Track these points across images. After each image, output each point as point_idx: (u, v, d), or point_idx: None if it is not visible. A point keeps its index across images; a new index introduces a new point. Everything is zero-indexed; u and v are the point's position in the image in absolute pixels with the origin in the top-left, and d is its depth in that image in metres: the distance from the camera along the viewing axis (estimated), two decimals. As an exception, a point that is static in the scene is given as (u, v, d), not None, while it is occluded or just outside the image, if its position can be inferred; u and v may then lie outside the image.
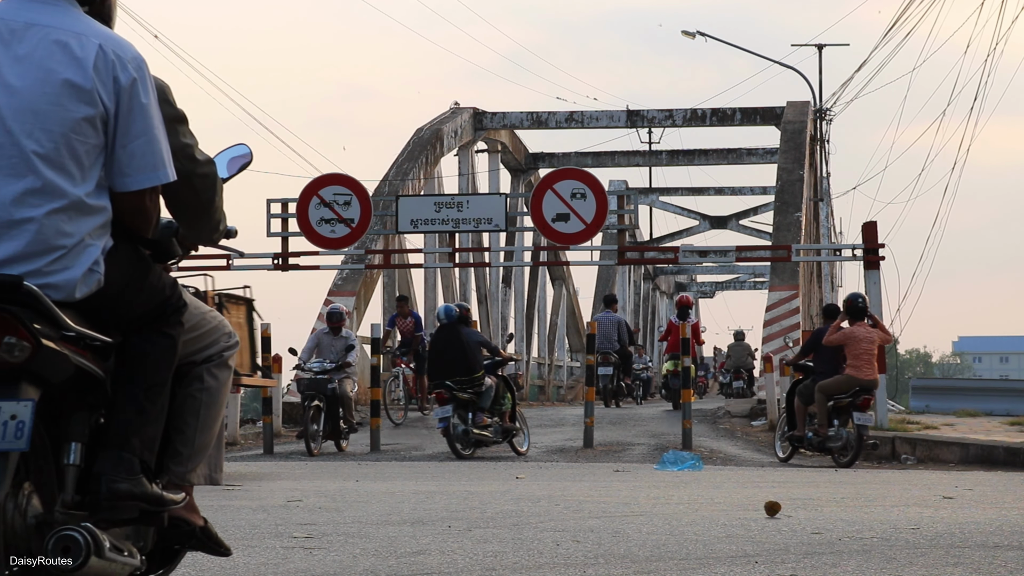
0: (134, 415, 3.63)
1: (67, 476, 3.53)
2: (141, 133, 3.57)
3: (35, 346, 3.35)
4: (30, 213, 3.47)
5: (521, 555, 5.84)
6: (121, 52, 3.57)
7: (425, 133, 30.11)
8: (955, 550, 6.02)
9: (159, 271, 3.78)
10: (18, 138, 3.48)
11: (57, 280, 3.49)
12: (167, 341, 3.72)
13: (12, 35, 3.53)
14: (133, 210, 3.63)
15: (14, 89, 3.49)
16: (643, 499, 8.91)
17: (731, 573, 5.32)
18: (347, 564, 5.56)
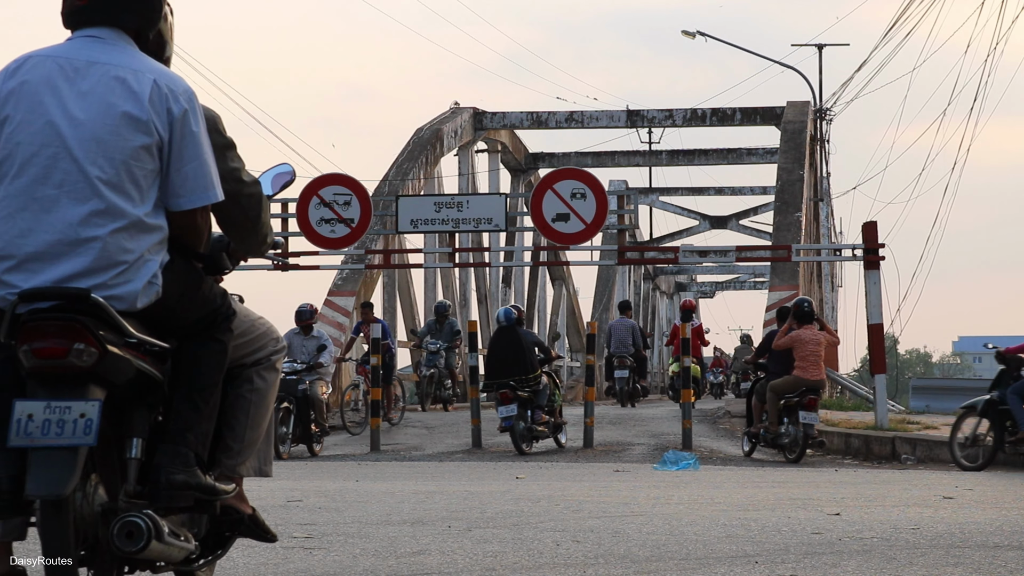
0: (189, 413, 4.02)
1: (129, 468, 3.90)
2: (192, 158, 3.95)
3: (101, 352, 3.73)
4: (95, 232, 3.83)
5: (521, 555, 5.84)
6: (173, 86, 3.96)
7: (425, 133, 30.11)
8: (955, 550, 6.02)
9: (211, 283, 4.16)
10: (83, 165, 3.84)
11: (120, 292, 3.85)
12: (218, 346, 4.11)
13: (76, 72, 3.90)
14: (186, 227, 4.02)
15: (78, 121, 3.86)
16: (643, 499, 8.91)
17: (731, 573, 5.32)
18: (347, 564, 5.56)
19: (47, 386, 3.74)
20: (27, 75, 3.92)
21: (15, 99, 3.90)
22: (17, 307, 3.76)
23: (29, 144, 3.87)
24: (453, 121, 31.30)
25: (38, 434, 3.68)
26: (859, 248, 18.81)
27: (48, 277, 3.82)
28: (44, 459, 3.67)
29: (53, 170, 3.85)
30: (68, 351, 3.71)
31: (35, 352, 3.72)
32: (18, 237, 3.84)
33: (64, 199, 3.85)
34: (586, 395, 17.50)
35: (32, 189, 3.86)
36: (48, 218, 3.84)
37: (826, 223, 36.73)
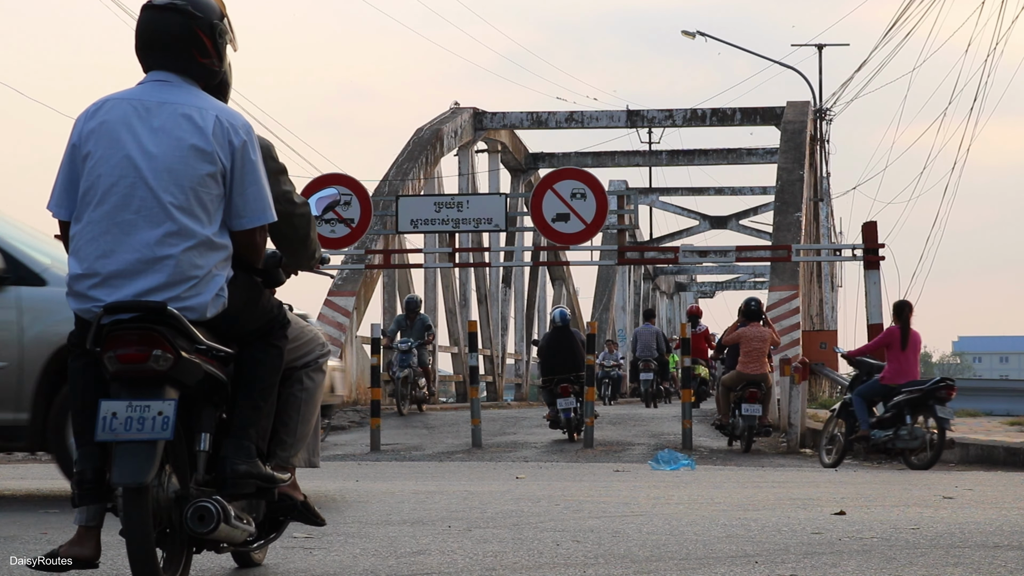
0: (251, 411, 4.55)
1: (199, 460, 4.46)
2: (251, 184, 4.50)
3: (176, 357, 4.25)
4: (170, 251, 4.37)
5: (521, 555, 5.84)
6: (233, 121, 4.52)
7: (425, 133, 30.11)
8: (955, 550, 6.02)
9: (268, 295, 4.72)
10: (157, 193, 4.39)
11: (192, 304, 4.38)
12: (275, 351, 4.65)
13: (148, 112, 4.46)
14: (247, 245, 4.56)
15: (152, 154, 4.41)
16: (643, 499, 8.91)
17: (731, 573, 5.32)
18: (347, 564, 5.56)
19: (129, 387, 4.26)
20: (106, 115, 4.49)
21: (96, 137, 4.46)
22: (102, 319, 4.29)
23: (109, 176, 4.42)
24: (453, 121, 31.30)
25: (121, 430, 4.20)
26: (859, 248, 18.83)
27: (129, 292, 4.35)
28: (127, 451, 4.18)
29: (131, 198, 4.40)
30: (148, 357, 4.23)
31: (119, 358, 4.24)
32: (101, 257, 4.39)
33: (141, 223, 4.39)
34: (586, 395, 17.51)
35: (113, 215, 4.40)
36: (128, 240, 4.38)
37: (826, 223, 36.75)
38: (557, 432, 19.07)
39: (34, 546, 6.02)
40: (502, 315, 36.43)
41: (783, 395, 18.90)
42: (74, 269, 4.45)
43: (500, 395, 35.70)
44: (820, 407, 22.50)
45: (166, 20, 4.51)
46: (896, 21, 31.15)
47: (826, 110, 36.62)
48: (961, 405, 24.59)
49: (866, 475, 12.52)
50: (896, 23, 28.98)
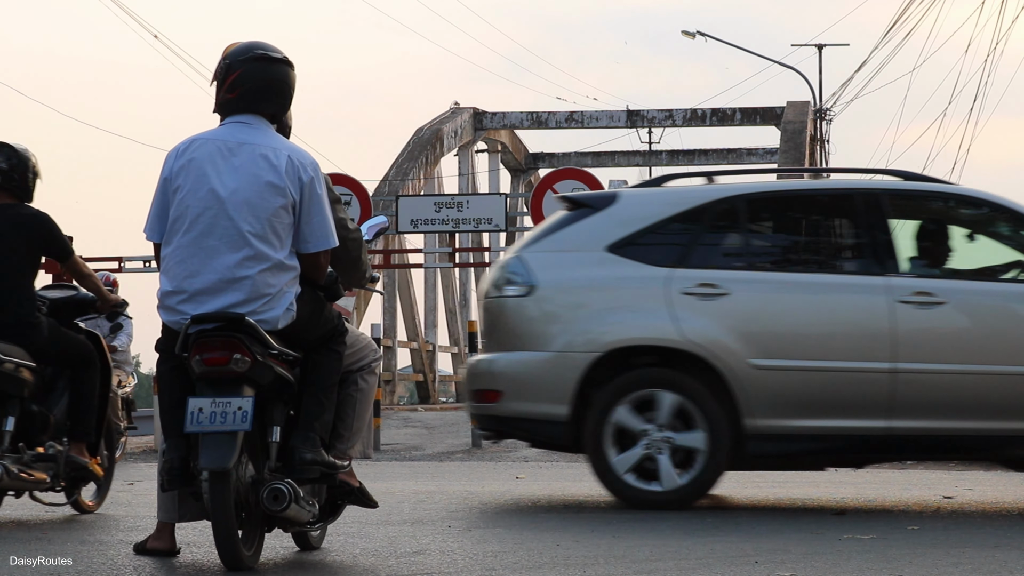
0: (315, 406, 5.21)
1: (271, 449, 5.13)
2: (317, 214, 5.20)
3: (253, 361, 4.95)
4: (247, 272, 5.08)
5: (521, 555, 5.84)
6: (303, 160, 5.21)
7: (425, 133, 30.12)
8: (955, 550, 6.01)
9: (329, 307, 5.38)
10: (237, 222, 5.08)
11: (266, 316, 5.08)
12: (336, 356, 5.32)
13: (230, 151, 5.15)
14: (312, 266, 5.26)
15: (233, 189, 5.10)
16: (643, 499, 8.90)
17: (731, 573, 5.32)
18: (347, 564, 5.56)
19: (213, 387, 4.94)
20: (193, 154, 5.17)
21: (185, 173, 5.14)
22: (189, 328, 4.97)
23: (196, 207, 5.10)
24: (453, 121, 31.31)
25: (207, 423, 4.86)
26: (859, 248, 18.80)
27: (212, 308, 5.04)
28: (212, 441, 4.85)
29: (215, 226, 5.08)
30: (229, 360, 4.92)
31: (204, 361, 4.93)
32: (188, 277, 5.09)
33: (223, 248, 5.08)
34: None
35: (199, 241, 5.09)
36: (212, 263, 5.08)
37: (826, 223, 36.70)
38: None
39: (34, 546, 6.02)
40: (502, 315, 36.37)
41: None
42: (165, 286, 5.17)
43: (500, 395, 35.66)
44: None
45: (283, 71, 5.26)
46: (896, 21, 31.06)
47: (826, 110, 36.64)
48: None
49: (866, 475, 12.52)
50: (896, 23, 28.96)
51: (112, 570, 5.32)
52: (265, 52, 5.23)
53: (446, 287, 32.13)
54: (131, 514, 7.60)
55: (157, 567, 5.41)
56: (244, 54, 5.22)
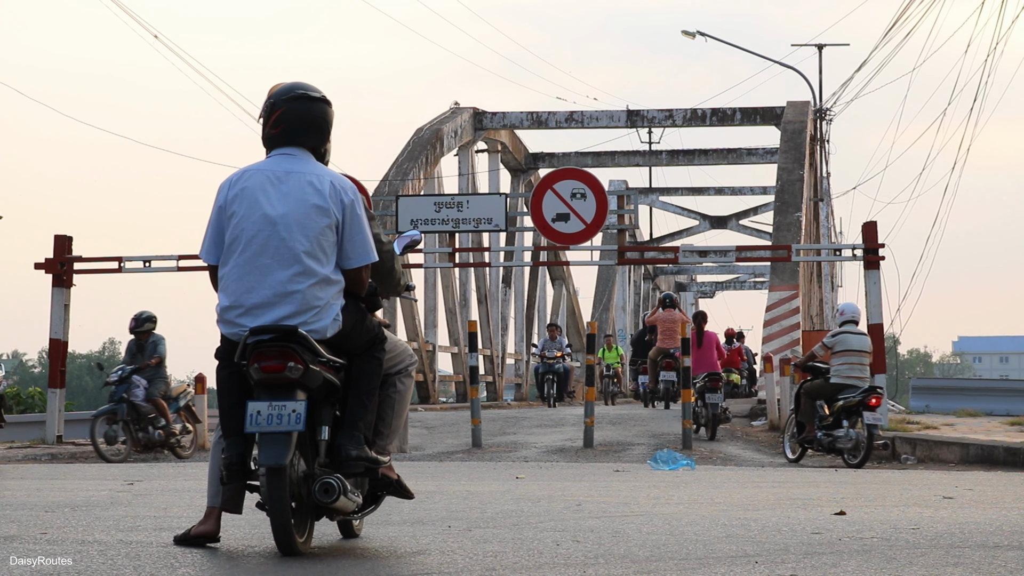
0: (359, 408, 5.78)
1: (320, 447, 5.69)
2: (357, 232, 5.78)
3: (305, 368, 5.50)
4: (298, 287, 5.66)
5: (521, 555, 5.84)
6: (343, 184, 5.82)
7: (425, 133, 30.10)
8: (955, 550, 6.02)
9: (370, 317, 5.93)
10: (288, 242, 5.67)
11: (316, 327, 5.65)
12: (377, 362, 5.88)
13: (278, 179, 5.76)
14: (354, 280, 5.83)
15: (283, 213, 5.69)
16: (643, 499, 8.92)
17: (731, 573, 5.32)
18: (347, 564, 5.57)
19: (269, 391, 5.50)
20: (246, 183, 5.76)
21: (239, 200, 5.73)
22: (247, 339, 5.53)
23: (250, 230, 5.68)
24: (453, 121, 31.30)
25: (265, 424, 5.41)
26: (859, 248, 18.80)
27: (267, 319, 5.61)
28: (269, 440, 5.40)
29: (268, 246, 5.67)
30: (284, 367, 5.47)
31: (262, 368, 5.49)
32: (245, 293, 5.66)
33: (276, 266, 5.65)
34: (586, 395, 17.51)
35: (254, 260, 5.66)
36: (266, 279, 5.65)
37: (826, 223, 36.73)
38: (558, 432, 19.07)
39: (34, 546, 6.02)
40: (502, 315, 36.43)
41: (783, 395, 18.90)
42: (223, 302, 5.72)
43: (500, 395, 35.70)
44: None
45: (322, 109, 5.85)
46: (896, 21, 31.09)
47: (826, 110, 36.61)
48: (961, 405, 24.62)
49: (866, 475, 12.52)
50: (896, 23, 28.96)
51: (112, 570, 5.32)
52: (306, 92, 5.84)
53: (446, 287, 32.11)
54: (131, 514, 7.60)
55: (157, 567, 5.41)
56: (287, 94, 5.83)
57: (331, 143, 5.96)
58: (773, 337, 24.11)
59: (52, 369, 19.40)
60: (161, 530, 6.72)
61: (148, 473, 11.43)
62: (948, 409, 23.72)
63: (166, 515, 7.54)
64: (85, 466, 14.27)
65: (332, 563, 5.59)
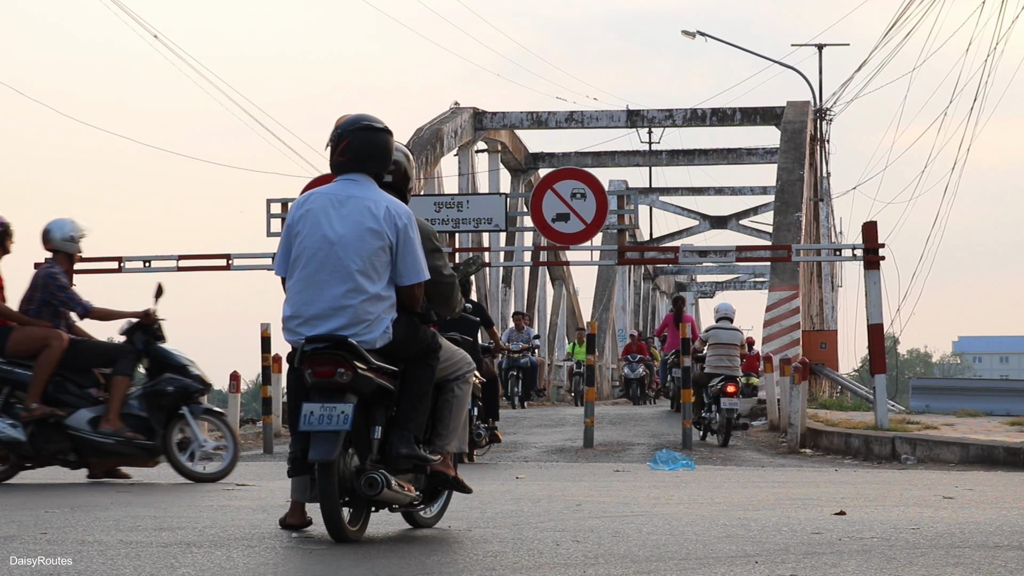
0: (410, 410, 6.35)
1: (373, 445, 6.27)
2: (409, 254, 6.34)
3: (354, 374, 6.06)
4: (350, 302, 6.24)
5: (521, 555, 5.84)
6: (399, 210, 6.36)
7: (425, 133, 30.09)
8: (955, 550, 6.02)
9: (424, 329, 6.47)
10: (344, 260, 6.26)
11: (366, 338, 6.23)
12: (429, 369, 6.45)
13: (339, 203, 6.33)
14: (408, 296, 6.40)
15: (340, 234, 6.27)
16: (643, 499, 8.92)
17: (731, 573, 5.32)
18: (347, 564, 5.57)
19: (321, 394, 6.06)
20: (310, 205, 6.35)
21: (303, 221, 6.32)
22: (304, 347, 6.14)
23: (311, 248, 6.28)
24: (453, 121, 31.29)
25: (316, 423, 5.98)
26: (859, 248, 18.80)
27: (322, 329, 6.20)
28: (320, 438, 5.97)
29: (325, 264, 6.25)
30: (334, 373, 6.03)
31: (315, 373, 6.06)
32: (304, 305, 6.27)
33: (332, 282, 6.24)
34: (586, 395, 17.50)
35: (313, 276, 6.26)
36: (323, 293, 6.24)
37: (826, 223, 36.73)
38: (558, 432, 19.05)
39: (34, 546, 6.02)
40: (502, 315, 36.42)
41: (783, 395, 18.89)
42: (286, 311, 6.32)
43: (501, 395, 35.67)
44: (820, 407, 22.50)
45: (383, 139, 6.41)
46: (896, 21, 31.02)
47: (826, 110, 36.60)
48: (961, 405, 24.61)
49: (866, 475, 12.52)
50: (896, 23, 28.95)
51: (112, 570, 5.33)
52: (370, 123, 6.40)
53: (446, 287, 32.03)
54: (131, 514, 7.60)
55: (157, 567, 5.41)
56: (353, 124, 6.39)
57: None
58: (773, 337, 24.11)
59: (52, 369, 19.38)
60: (161, 530, 6.72)
61: (148, 473, 11.42)
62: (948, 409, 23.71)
63: (166, 515, 7.54)
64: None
65: (335, 558, 5.59)
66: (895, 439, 15.92)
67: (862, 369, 64.26)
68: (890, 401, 21.78)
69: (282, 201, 19.28)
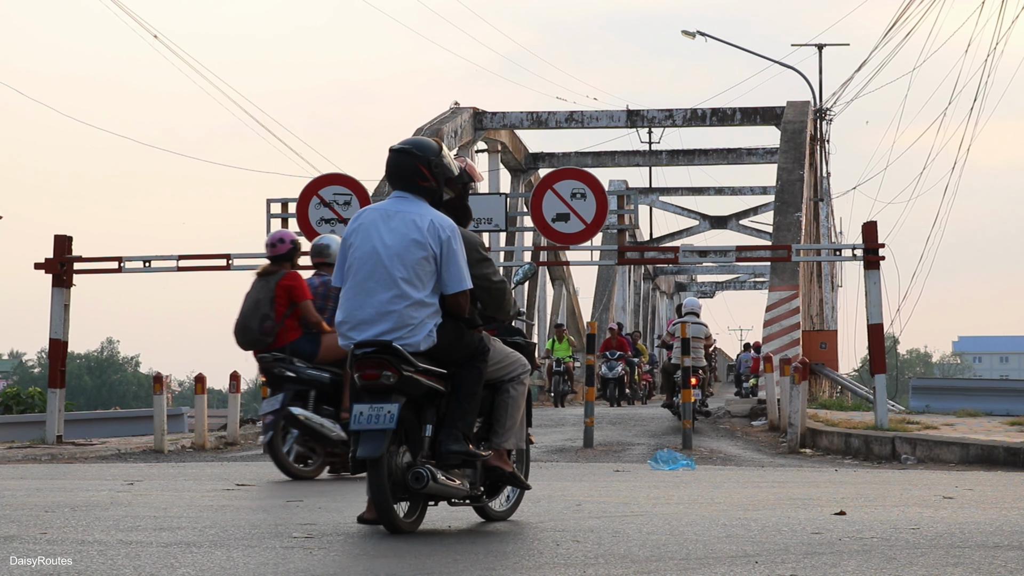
0: (458, 409, 6.77)
1: (424, 442, 6.68)
2: (452, 264, 6.77)
3: (399, 376, 6.51)
4: (395, 308, 6.68)
5: (521, 555, 5.84)
6: (442, 223, 6.80)
7: (425, 133, 30.07)
8: (955, 550, 6.02)
9: (470, 334, 6.87)
10: (390, 270, 6.71)
11: (410, 341, 6.65)
12: (477, 371, 6.87)
13: (389, 217, 6.81)
14: (453, 303, 6.81)
15: (387, 245, 6.74)
16: (643, 499, 8.92)
17: (731, 573, 5.32)
18: (347, 564, 5.57)
19: (369, 395, 6.53)
20: (363, 220, 6.85)
21: (356, 234, 6.83)
22: (354, 351, 6.61)
23: (361, 258, 6.77)
24: (453, 121, 31.29)
25: (364, 423, 6.44)
26: (859, 248, 18.79)
27: (370, 334, 6.64)
28: (368, 437, 6.43)
29: (373, 273, 6.72)
30: (380, 376, 6.49)
31: (363, 376, 6.53)
32: (354, 311, 6.72)
33: (379, 289, 6.70)
34: (586, 395, 17.50)
35: (362, 283, 6.74)
36: (370, 300, 6.70)
37: (826, 223, 36.73)
38: (558, 432, 19.05)
39: (34, 546, 6.02)
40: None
41: (783, 395, 18.90)
42: (339, 317, 6.78)
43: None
44: (820, 407, 22.50)
45: (401, 159, 6.85)
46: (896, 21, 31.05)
47: (826, 110, 36.61)
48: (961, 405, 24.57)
49: (866, 475, 12.52)
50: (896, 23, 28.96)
51: (112, 570, 5.32)
52: (395, 147, 6.92)
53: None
54: (131, 514, 7.61)
55: (157, 567, 5.41)
56: (391, 148, 6.95)
57: (442, 183, 6.92)
58: (773, 337, 24.11)
59: (52, 369, 19.38)
60: (161, 530, 6.72)
61: (148, 473, 11.43)
62: (948, 409, 23.68)
63: (166, 515, 7.54)
64: (85, 466, 14.28)
65: (335, 558, 5.59)
66: (895, 439, 15.92)
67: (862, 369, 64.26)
68: (890, 401, 21.76)
69: (282, 201, 19.27)
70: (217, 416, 30.50)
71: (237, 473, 12.11)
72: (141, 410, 26.84)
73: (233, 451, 17.55)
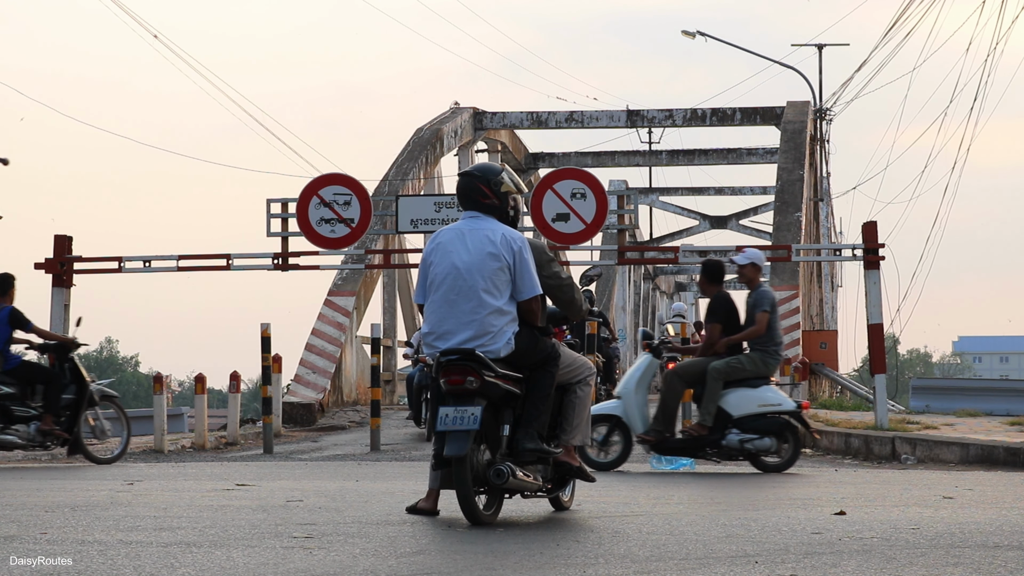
0: (533, 411, 7.34)
1: (502, 441, 7.24)
2: (525, 272, 7.40)
3: (481, 381, 7.06)
4: (476, 316, 7.28)
5: (521, 555, 5.84)
6: (514, 236, 7.43)
7: (425, 133, 30.11)
8: (955, 550, 6.02)
9: (543, 340, 7.46)
10: (469, 281, 7.31)
11: (491, 348, 7.25)
12: (550, 375, 7.43)
13: (463, 235, 7.41)
14: (527, 310, 7.42)
15: (465, 260, 7.33)
16: (643, 499, 8.92)
17: (731, 573, 5.32)
18: (347, 564, 5.56)
19: (454, 399, 7.06)
20: (441, 239, 7.44)
21: (436, 253, 7.43)
22: (440, 359, 7.17)
23: (441, 274, 7.36)
24: (453, 121, 31.30)
25: (450, 424, 6.97)
26: (859, 248, 18.79)
27: (454, 342, 7.24)
28: (453, 437, 6.96)
29: (455, 286, 7.32)
30: (464, 381, 7.04)
31: (448, 382, 7.07)
32: (438, 322, 7.33)
33: (461, 301, 7.29)
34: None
35: (445, 296, 7.33)
36: (453, 311, 7.30)
37: (826, 223, 36.75)
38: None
39: (34, 546, 6.02)
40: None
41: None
42: (424, 329, 7.41)
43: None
44: (820, 407, 22.50)
45: (466, 181, 7.54)
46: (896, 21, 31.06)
47: (826, 110, 36.62)
48: (961, 405, 24.58)
49: (866, 475, 12.52)
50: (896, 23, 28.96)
51: (112, 570, 5.32)
52: (461, 172, 7.73)
53: (446, 287, 32.04)
54: (131, 514, 7.61)
55: (157, 567, 5.41)
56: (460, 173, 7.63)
57: (509, 198, 7.54)
58: (773, 337, 24.04)
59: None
60: (161, 530, 6.72)
61: (148, 473, 11.44)
62: (948, 409, 23.69)
63: (166, 515, 7.54)
64: (85, 466, 14.28)
65: (335, 558, 5.59)
66: (895, 439, 15.92)
67: (862, 369, 64.25)
68: (890, 401, 21.76)
69: (282, 201, 19.28)
70: (217, 416, 30.51)
71: (237, 473, 12.11)
72: (141, 410, 26.85)
73: (233, 451, 17.54)
